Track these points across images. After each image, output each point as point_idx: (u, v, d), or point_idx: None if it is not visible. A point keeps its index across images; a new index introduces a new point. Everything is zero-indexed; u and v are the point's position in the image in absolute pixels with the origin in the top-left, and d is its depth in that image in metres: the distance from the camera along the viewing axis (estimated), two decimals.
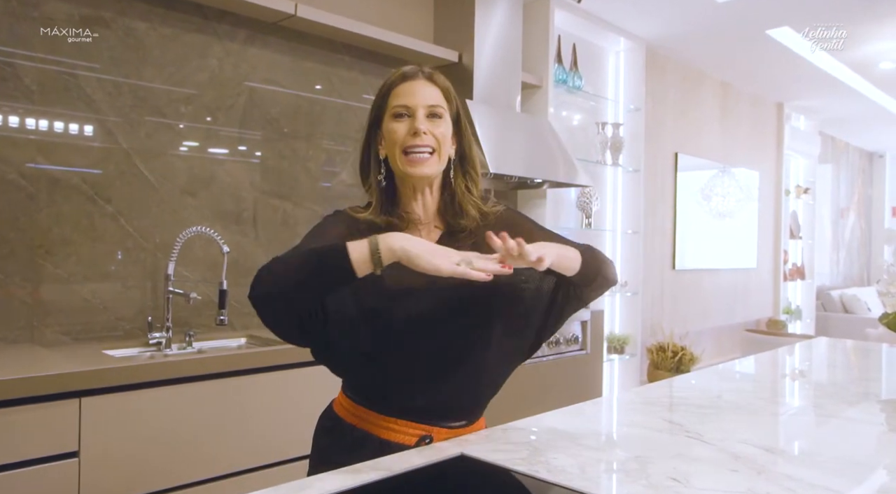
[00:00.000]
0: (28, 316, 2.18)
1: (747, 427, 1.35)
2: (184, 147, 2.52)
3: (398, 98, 1.21)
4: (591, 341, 3.39)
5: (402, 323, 1.16)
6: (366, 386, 1.24)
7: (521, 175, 3.17)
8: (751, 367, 2.11)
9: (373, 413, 1.22)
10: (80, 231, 2.28)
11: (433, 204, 1.27)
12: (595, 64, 4.39)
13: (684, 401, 1.57)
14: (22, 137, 2.15)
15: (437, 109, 1.21)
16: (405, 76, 1.23)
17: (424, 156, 1.19)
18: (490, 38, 3.32)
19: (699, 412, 1.46)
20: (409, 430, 1.20)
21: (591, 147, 4.26)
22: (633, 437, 1.26)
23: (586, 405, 1.49)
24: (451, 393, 1.22)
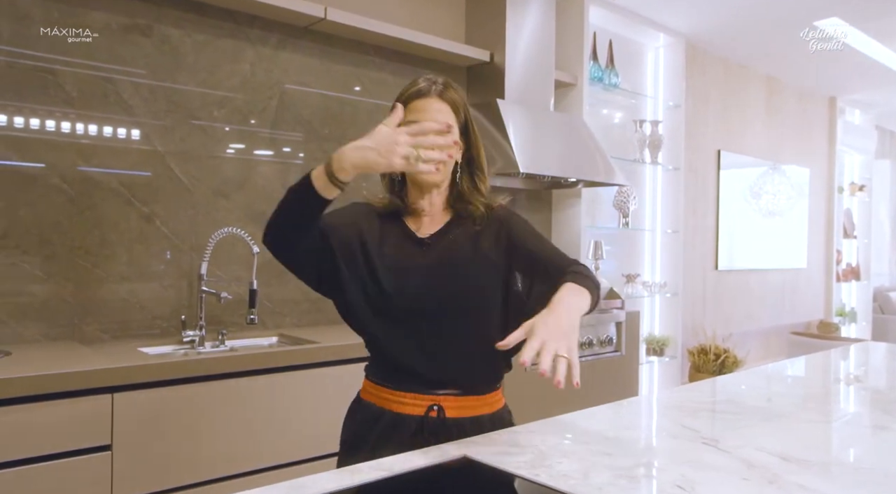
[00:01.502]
0: (69, 315, 2.27)
1: (769, 434, 1.30)
2: (217, 149, 2.58)
3: (411, 113, 1.32)
4: (626, 342, 3.33)
5: (398, 305, 1.32)
6: (378, 364, 1.39)
7: (553, 174, 3.14)
8: (787, 371, 2.04)
9: (385, 390, 1.35)
10: (118, 232, 2.35)
11: (440, 200, 1.40)
12: (633, 60, 4.31)
13: (707, 405, 1.53)
14: (63, 141, 2.24)
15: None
16: (419, 93, 1.34)
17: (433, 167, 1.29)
18: (522, 37, 3.30)
19: (721, 417, 1.42)
20: (419, 402, 1.32)
21: (628, 145, 4.19)
22: (644, 442, 1.23)
23: (603, 408, 1.46)
24: (452, 366, 1.34)
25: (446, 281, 1.32)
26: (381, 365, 1.38)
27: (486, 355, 1.31)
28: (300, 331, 2.63)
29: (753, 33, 4.50)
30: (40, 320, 2.21)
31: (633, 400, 1.53)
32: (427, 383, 1.32)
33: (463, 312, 1.33)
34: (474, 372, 1.36)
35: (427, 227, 1.39)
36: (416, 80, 1.36)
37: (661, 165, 4.32)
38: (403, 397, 1.33)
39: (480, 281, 1.34)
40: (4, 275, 2.14)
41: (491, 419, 1.37)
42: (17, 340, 2.15)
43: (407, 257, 1.34)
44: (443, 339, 1.32)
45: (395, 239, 1.37)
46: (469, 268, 1.33)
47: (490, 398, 1.38)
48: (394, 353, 1.34)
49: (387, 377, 1.36)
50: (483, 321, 1.34)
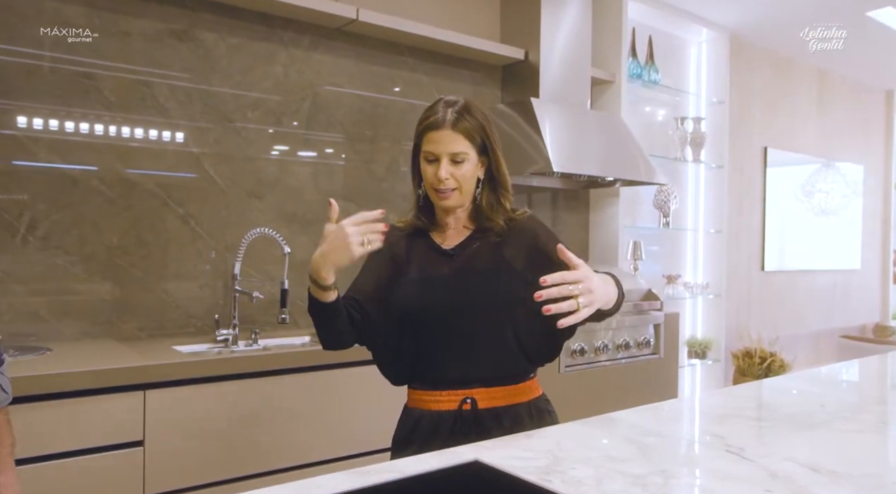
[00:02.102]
0: (108, 313, 2.33)
1: (803, 444, 1.25)
2: (251, 151, 2.61)
3: (428, 144, 1.42)
4: (664, 345, 3.25)
5: (426, 312, 1.42)
6: (414, 370, 1.46)
7: (589, 174, 3.09)
8: (834, 375, 1.95)
9: (422, 392, 1.46)
10: (154, 233, 2.41)
11: (464, 215, 1.51)
12: (674, 56, 4.21)
13: (739, 411, 1.47)
14: (102, 144, 2.30)
15: (460, 156, 1.41)
16: (432, 125, 1.41)
17: (448, 194, 1.43)
18: (558, 34, 3.26)
19: (753, 423, 1.36)
20: (453, 397, 1.42)
21: (669, 143, 4.10)
22: (665, 449, 1.19)
23: (629, 412, 1.42)
24: (481, 364, 1.43)
25: (469, 287, 1.42)
26: (416, 371, 1.46)
27: (512, 352, 1.44)
28: None
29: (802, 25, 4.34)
30: (80, 318, 2.28)
31: (661, 404, 1.48)
32: (458, 381, 1.42)
33: (486, 315, 1.42)
34: (502, 367, 1.45)
35: (451, 240, 1.49)
36: (435, 105, 1.43)
37: (703, 163, 4.21)
38: (439, 395, 1.43)
39: (502, 286, 1.42)
40: (46, 275, 2.21)
41: (528, 408, 1.46)
42: (58, 337, 2.22)
43: (433, 267, 1.46)
44: (469, 341, 1.42)
45: (422, 252, 1.49)
46: (491, 275, 1.42)
47: (523, 387, 1.46)
48: (424, 357, 1.44)
49: (422, 380, 1.46)
50: (506, 322, 1.42)
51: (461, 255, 1.46)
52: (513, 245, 1.45)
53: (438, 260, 1.46)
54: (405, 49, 3.01)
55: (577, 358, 2.88)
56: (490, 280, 1.42)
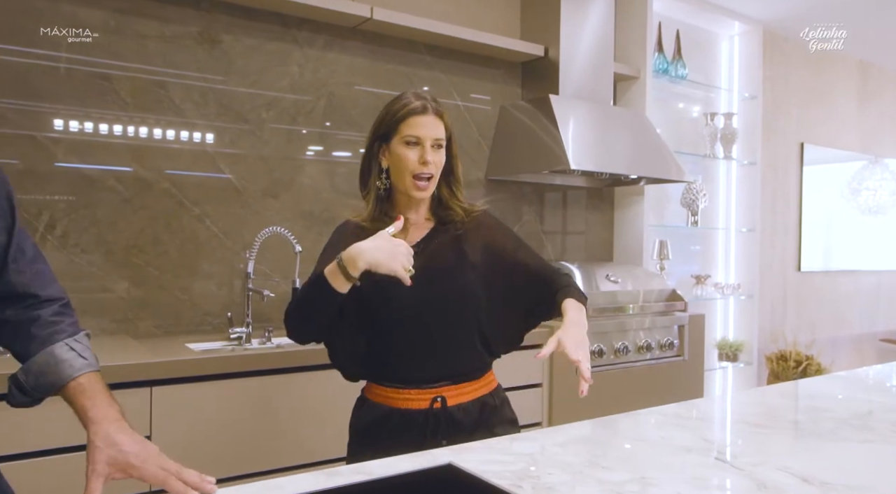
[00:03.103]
0: (124, 310, 2.38)
1: (801, 452, 1.19)
2: (266, 150, 2.63)
3: (411, 128, 1.42)
4: (688, 347, 3.16)
5: (392, 312, 1.42)
6: (379, 367, 1.46)
7: (609, 171, 3.02)
8: (855, 380, 1.86)
9: (390, 390, 1.44)
10: (169, 232, 2.45)
11: (424, 209, 1.52)
12: (703, 50, 4.10)
13: (742, 417, 1.41)
14: (119, 144, 2.35)
15: (441, 141, 1.45)
16: (420, 109, 1.43)
17: (426, 183, 1.44)
18: (579, 30, 3.20)
19: (751, 429, 1.30)
20: (423, 396, 1.42)
21: (699, 140, 3.99)
22: (653, 455, 1.14)
23: (622, 416, 1.38)
24: (447, 362, 1.44)
25: (433, 286, 1.41)
26: (383, 369, 1.46)
27: (476, 348, 1.47)
28: None
29: (841, 15, 4.18)
30: (98, 316, 2.32)
31: (663, 407, 1.43)
32: (427, 379, 1.43)
33: (451, 313, 1.44)
34: (467, 364, 1.47)
35: (413, 235, 1.48)
36: (406, 94, 1.46)
37: (735, 160, 4.08)
38: (408, 394, 1.42)
39: (467, 281, 1.45)
40: (64, 272, 2.26)
41: (491, 397, 1.50)
42: None
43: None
44: (436, 338, 1.43)
45: None
46: (455, 270, 1.44)
47: (484, 380, 1.50)
48: (393, 357, 1.44)
49: (390, 378, 1.45)
50: (470, 318, 1.45)
51: (425, 251, 1.45)
52: (471, 240, 1.48)
53: None
54: (422, 47, 3.00)
55: (594, 359, 2.82)
56: (454, 275, 1.45)
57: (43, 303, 1.05)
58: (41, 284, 1.06)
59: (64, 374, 1.00)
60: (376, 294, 1.40)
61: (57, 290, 1.08)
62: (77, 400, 0.99)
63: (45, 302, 1.06)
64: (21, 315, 1.03)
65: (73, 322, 1.08)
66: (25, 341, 1.02)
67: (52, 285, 1.08)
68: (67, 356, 1.01)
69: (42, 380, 1.01)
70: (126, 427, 0.98)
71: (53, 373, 1.00)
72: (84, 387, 1.00)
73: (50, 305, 1.06)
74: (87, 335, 1.09)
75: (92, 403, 0.98)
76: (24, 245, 1.06)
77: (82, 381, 1.00)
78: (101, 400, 0.99)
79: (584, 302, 1.45)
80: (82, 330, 1.08)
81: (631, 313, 3.02)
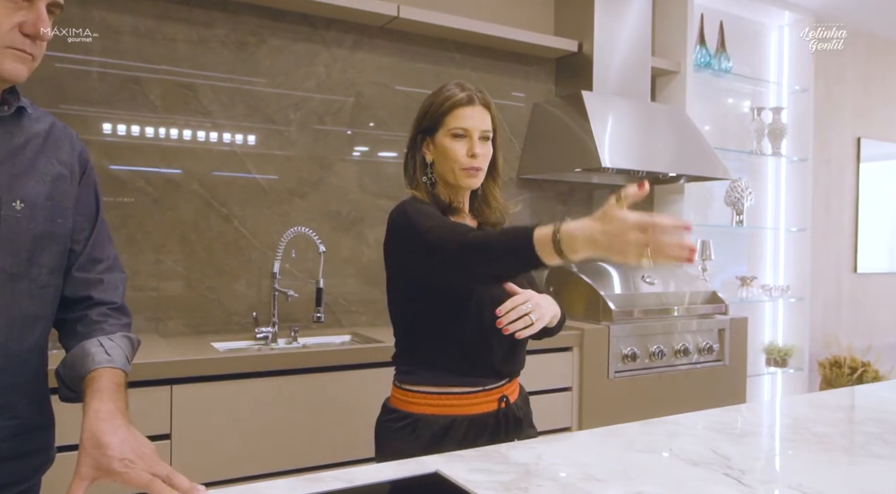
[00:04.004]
0: (154, 309, 2.42)
1: (817, 470, 1.10)
2: (293, 150, 2.64)
3: (458, 120, 1.38)
4: (729, 351, 3.03)
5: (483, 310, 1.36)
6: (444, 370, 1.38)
7: (644, 169, 2.93)
8: None
9: (455, 397, 1.36)
10: (198, 232, 2.48)
11: (465, 205, 1.49)
12: (750, 42, 3.93)
13: (763, 429, 1.33)
14: (148, 145, 2.39)
15: (488, 133, 1.41)
16: (467, 100, 1.39)
17: (478, 171, 1.40)
18: (615, 23, 3.11)
19: (770, 443, 1.22)
20: (491, 397, 1.39)
21: (745, 136, 3.83)
22: (656, 467, 1.08)
23: (634, 425, 1.31)
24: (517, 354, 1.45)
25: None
26: (450, 370, 1.37)
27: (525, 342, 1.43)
28: (375, 331, 2.63)
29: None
30: None
31: (672, 417, 1.36)
32: (494, 378, 1.40)
33: None
34: (521, 358, 1.49)
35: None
36: (450, 85, 1.42)
37: (784, 157, 3.90)
38: (476, 398, 1.37)
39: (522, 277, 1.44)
40: None
41: (521, 392, 1.50)
42: None
43: None
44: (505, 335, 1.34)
45: None
46: None
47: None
48: (477, 352, 1.37)
49: (457, 381, 1.37)
50: None
51: None
52: None
53: None
54: (451, 44, 2.96)
55: (627, 362, 2.73)
56: None
57: (94, 305, 1.10)
58: (103, 289, 1.11)
59: (85, 367, 1.02)
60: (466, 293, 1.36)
61: (114, 296, 1.13)
62: (85, 393, 0.99)
63: (97, 304, 1.10)
64: (74, 314, 1.09)
65: (118, 324, 1.11)
66: (71, 337, 1.08)
67: (113, 291, 1.13)
68: (94, 350, 1.03)
69: (72, 373, 1.03)
70: (119, 425, 0.94)
71: (79, 366, 1.02)
72: (95, 380, 0.99)
73: (100, 307, 1.10)
74: (129, 337, 1.11)
75: (93, 396, 0.97)
76: (104, 254, 1.13)
77: (95, 375, 1.00)
78: (102, 394, 0.97)
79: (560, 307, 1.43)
80: (126, 332, 1.11)
81: (667, 316, 2.91)
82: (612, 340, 2.69)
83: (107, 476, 0.90)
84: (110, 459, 0.90)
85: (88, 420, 0.93)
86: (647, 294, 2.96)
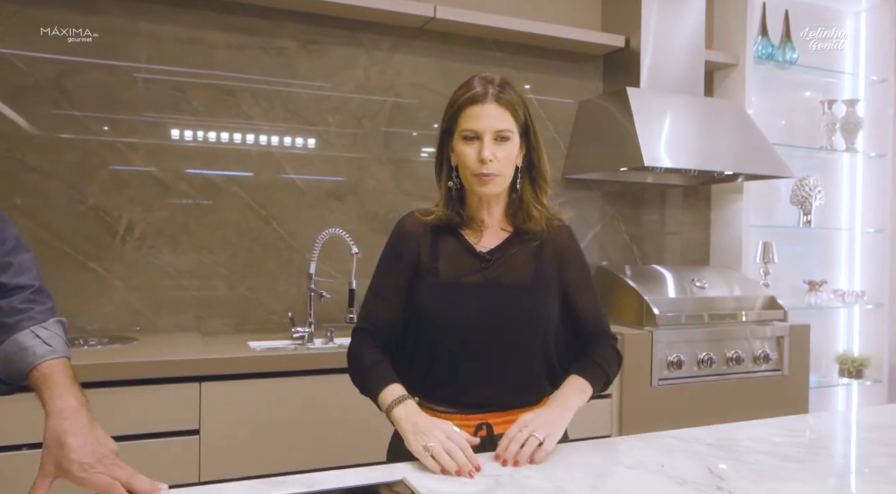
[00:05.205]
0: (196, 309, 2.51)
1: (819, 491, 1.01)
2: (331, 153, 2.68)
3: (468, 120, 1.26)
4: (789, 360, 2.85)
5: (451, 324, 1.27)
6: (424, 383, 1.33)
7: (691, 167, 2.79)
8: None
9: (429, 411, 1.28)
10: (238, 233, 2.55)
11: (499, 212, 1.34)
12: None
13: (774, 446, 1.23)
14: (191, 148, 2.48)
15: (504, 133, 1.26)
16: (474, 99, 1.26)
17: (492, 178, 1.26)
18: (665, 16, 2.98)
19: (774, 462, 1.13)
20: (468, 423, 1.26)
21: (814, 131, 3.59)
22: (633, 486, 1.02)
23: (629, 439, 1.25)
24: (501, 389, 1.29)
25: (503, 301, 1.27)
26: (427, 385, 1.32)
27: (537, 375, 1.30)
28: None
29: None
30: (172, 313, 2.46)
31: (675, 432, 1.28)
32: (473, 405, 1.28)
33: (518, 334, 1.27)
34: (523, 391, 1.31)
35: (487, 240, 1.32)
36: (471, 80, 1.30)
37: (860, 153, 3.64)
38: (451, 418, 1.25)
39: (538, 302, 1.28)
40: (142, 272, 2.42)
41: None
42: (151, 329, 2.43)
43: (464, 272, 1.29)
44: (493, 362, 1.27)
45: (452, 252, 1.32)
46: (528, 289, 1.29)
47: (535, 408, 1.28)
48: (442, 374, 1.29)
49: (434, 398, 1.32)
50: (540, 343, 1.29)
51: (497, 261, 1.29)
52: (549, 258, 1.32)
53: (471, 264, 1.29)
54: (492, 43, 2.93)
55: (673, 370, 2.61)
56: (527, 295, 1.28)
57: (11, 291, 1.04)
58: (13, 273, 1.05)
59: (26, 362, 0.99)
60: (432, 307, 1.28)
61: (30, 278, 1.07)
62: (38, 391, 0.98)
63: (14, 289, 1.05)
64: None
65: (44, 309, 1.07)
66: None
67: (26, 273, 1.07)
68: (31, 343, 1.00)
69: (10, 368, 1.01)
70: (81, 424, 0.94)
71: (18, 361, 1.00)
72: (45, 376, 0.98)
73: (19, 292, 1.05)
74: (61, 322, 1.08)
75: (50, 394, 0.96)
76: (4, 235, 1.06)
77: (44, 370, 0.98)
78: (61, 390, 0.97)
79: (595, 382, 1.27)
80: (55, 317, 1.08)
81: (718, 322, 2.77)
82: (656, 346, 2.58)
83: (67, 477, 0.91)
84: (70, 462, 0.91)
85: (52, 419, 0.94)
86: (698, 298, 2.83)
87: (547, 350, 1.29)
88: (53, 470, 0.92)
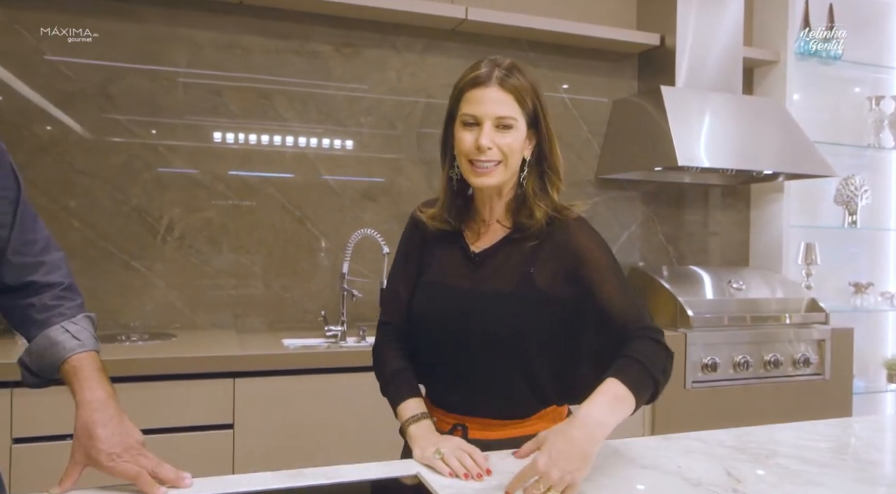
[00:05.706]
0: (233, 307, 2.58)
1: None
2: (364, 154, 2.72)
3: (468, 105, 1.18)
4: (830, 365, 2.77)
5: (434, 325, 1.24)
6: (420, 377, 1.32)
7: (726, 167, 2.74)
8: None
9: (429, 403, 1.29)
10: (273, 233, 2.61)
11: (501, 204, 1.25)
12: (867, 24, 3.56)
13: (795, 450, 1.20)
14: (228, 150, 2.55)
15: (506, 120, 1.16)
16: (476, 81, 1.18)
17: (489, 168, 1.17)
18: (702, 13, 2.93)
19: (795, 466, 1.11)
20: (446, 419, 1.25)
21: (861, 128, 3.48)
22: (647, 487, 1.01)
23: (653, 439, 1.24)
24: (481, 397, 1.23)
25: (485, 309, 1.19)
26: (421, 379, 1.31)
27: (521, 390, 1.21)
28: None
29: None
30: (210, 311, 2.54)
31: (697, 433, 1.27)
32: (452, 405, 1.25)
33: (498, 348, 1.19)
34: (499, 404, 1.23)
35: (483, 240, 1.25)
36: (479, 63, 1.22)
37: None
38: (434, 411, 1.27)
39: (515, 318, 1.18)
40: (181, 271, 2.50)
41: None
42: (189, 326, 2.50)
43: (452, 275, 1.24)
44: (473, 367, 1.21)
45: (447, 253, 1.27)
46: (509, 302, 1.18)
47: (527, 424, 1.22)
48: (428, 369, 1.29)
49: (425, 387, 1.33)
50: (518, 357, 1.19)
51: (486, 265, 1.22)
52: (545, 256, 1.19)
53: (460, 267, 1.24)
54: (524, 43, 2.93)
55: (707, 373, 2.57)
56: (506, 304, 1.18)
57: (42, 288, 1.08)
58: (45, 271, 1.09)
59: (57, 356, 1.03)
60: (419, 305, 1.27)
61: (60, 276, 1.11)
62: (69, 383, 1.03)
63: (45, 287, 1.08)
64: (23, 301, 1.07)
65: (73, 305, 1.11)
66: (28, 325, 1.08)
67: (56, 271, 1.11)
68: (61, 338, 1.04)
69: (42, 362, 1.05)
70: (110, 415, 0.98)
71: (50, 355, 1.04)
72: (75, 369, 1.02)
73: (50, 290, 1.09)
74: (89, 317, 1.12)
75: (80, 386, 1.01)
76: (36, 235, 1.10)
77: (74, 363, 1.03)
78: (90, 383, 1.01)
79: (639, 387, 1.05)
80: (84, 312, 1.12)
81: (756, 324, 2.71)
82: (690, 348, 2.54)
83: (96, 466, 0.96)
84: (99, 452, 0.95)
85: (82, 410, 0.99)
86: (736, 300, 2.78)
87: (527, 363, 1.19)
88: (83, 459, 0.96)
